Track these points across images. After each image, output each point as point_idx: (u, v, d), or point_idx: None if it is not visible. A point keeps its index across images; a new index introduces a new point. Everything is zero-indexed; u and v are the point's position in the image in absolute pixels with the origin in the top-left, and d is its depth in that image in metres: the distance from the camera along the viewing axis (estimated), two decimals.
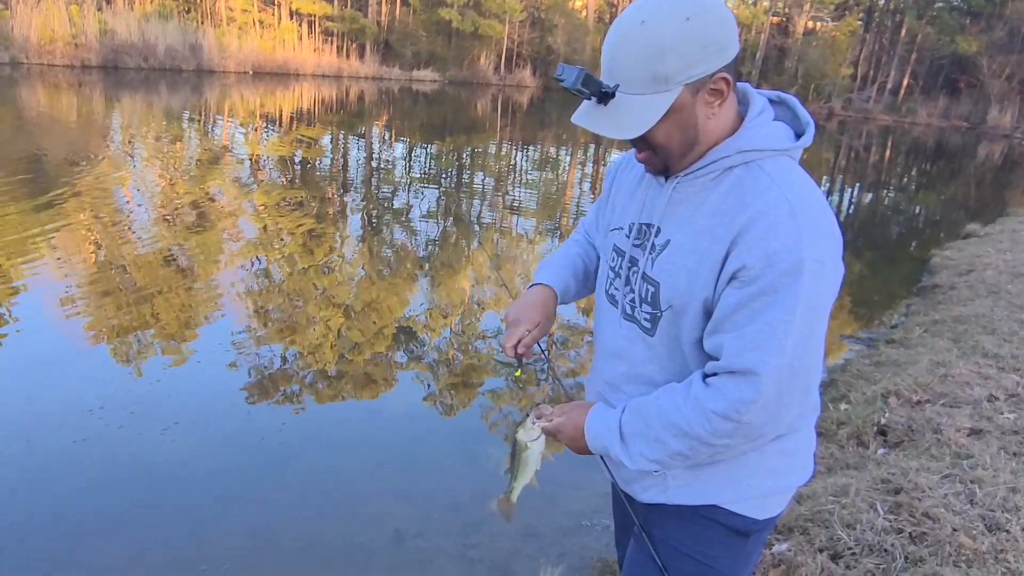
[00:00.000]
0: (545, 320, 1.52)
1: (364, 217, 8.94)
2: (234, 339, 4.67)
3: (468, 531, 2.97)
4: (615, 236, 1.41)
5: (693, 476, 1.29)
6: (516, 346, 1.49)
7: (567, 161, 17.00)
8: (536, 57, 42.98)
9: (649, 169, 1.28)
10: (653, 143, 1.20)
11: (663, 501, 1.33)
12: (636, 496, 1.40)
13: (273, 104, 22.42)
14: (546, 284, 1.57)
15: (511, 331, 1.50)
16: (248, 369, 4.30)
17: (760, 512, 1.31)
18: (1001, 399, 3.90)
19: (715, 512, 1.30)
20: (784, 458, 1.30)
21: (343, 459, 3.49)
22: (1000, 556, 2.42)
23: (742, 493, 1.29)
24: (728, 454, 1.20)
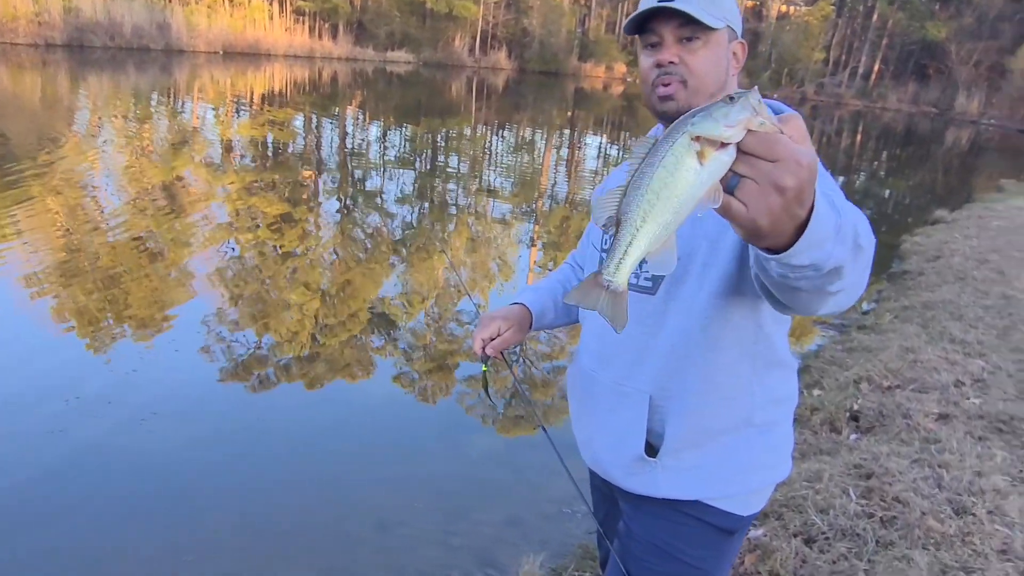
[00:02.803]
0: (517, 329, 1.56)
1: (339, 200, 8.87)
2: (211, 325, 4.63)
3: (451, 519, 3.00)
4: None
5: (683, 469, 1.30)
6: (485, 344, 1.53)
7: (542, 145, 16.98)
8: (511, 39, 42.74)
9: (670, 106, 1.27)
10: (691, 68, 1.24)
11: (651, 494, 1.34)
12: (622, 483, 1.38)
13: (244, 85, 22.05)
14: (523, 304, 1.61)
15: (483, 327, 1.54)
16: (226, 356, 4.27)
17: (745, 508, 1.34)
18: (967, 384, 4.02)
19: (702, 510, 1.32)
20: (769, 453, 1.34)
21: (325, 447, 3.50)
22: (967, 539, 2.51)
23: (730, 488, 1.31)
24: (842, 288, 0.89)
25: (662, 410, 1.30)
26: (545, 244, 7.89)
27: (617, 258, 0.81)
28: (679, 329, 1.26)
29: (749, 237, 0.79)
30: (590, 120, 24.42)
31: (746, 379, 1.28)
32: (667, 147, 0.74)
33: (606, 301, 0.88)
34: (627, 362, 1.33)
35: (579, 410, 1.48)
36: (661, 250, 0.79)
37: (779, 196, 0.72)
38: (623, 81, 44.06)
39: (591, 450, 1.45)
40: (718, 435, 1.29)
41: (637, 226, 0.77)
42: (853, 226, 0.84)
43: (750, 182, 0.72)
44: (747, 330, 1.26)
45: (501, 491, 3.23)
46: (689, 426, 1.28)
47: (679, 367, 1.27)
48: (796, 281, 0.84)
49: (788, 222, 0.74)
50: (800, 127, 0.76)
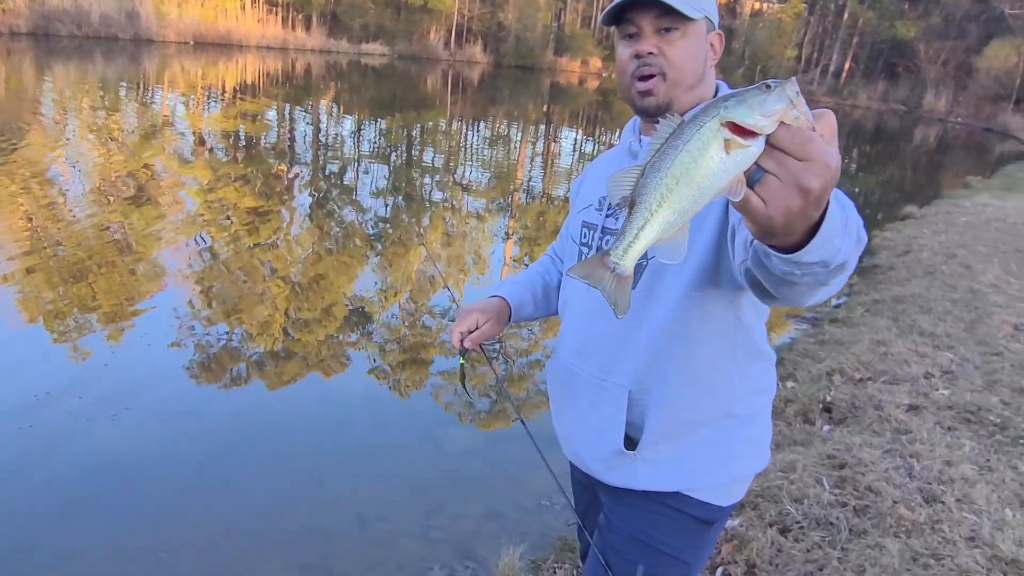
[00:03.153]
0: (495, 322, 1.55)
1: (313, 194, 8.78)
2: (184, 320, 4.57)
3: (430, 513, 3.00)
4: (584, 214, 1.44)
5: (662, 462, 1.31)
6: (463, 337, 1.52)
7: (518, 139, 16.97)
8: (487, 33, 42.61)
9: (649, 101, 1.27)
10: (670, 59, 1.24)
11: (630, 486, 1.34)
12: (602, 477, 1.38)
13: (215, 76, 21.72)
14: (501, 297, 1.60)
15: (460, 320, 1.54)
16: (201, 352, 4.21)
17: (725, 499, 1.35)
18: (936, 376, 4.10)
19: (682, 502, 1.33)
20: (748, 444, 1.35)
21: (301, 442, 3.47)
22: (936, 526, 2.57)
23: (709, 480, 1.32)
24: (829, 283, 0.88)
25: (641, 404, 1.30)
26: (520, 238, 7.89)
27: (627, 241, 0.77)
28: (658, 323, 1.26)
29: (760, 234, 0.76)
30: (565, 114, 24.45)
31: (726, 371, 1.29)
32: (694, 130, 0.69)
33: (610, 284, 0.84)
34: (607, 356, 1.33)
35: (559, 405, 1.48)
36: (673, 237, 0.75)
37: (801, 198, 0.68)
38: (599, 76, 44.16)
39: (571, 444, 1.44)
40: (697, 427, 1.30)
41: (652, 210, 0.73)
42: (855, 219, 0.83)
43: (773, 179, 0.68)
44: (726, 322, 1.26)
45: (480, 484, 3.23)
46: (668, 419, 1.29)
47: (658, 361, 1.27)
48: (801, 277, 0.82)
49: (802, 223, 0.72)
50: (833, 126, 0.72)
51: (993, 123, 36.46)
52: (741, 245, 0.96)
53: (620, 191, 0.77)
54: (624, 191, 0.76)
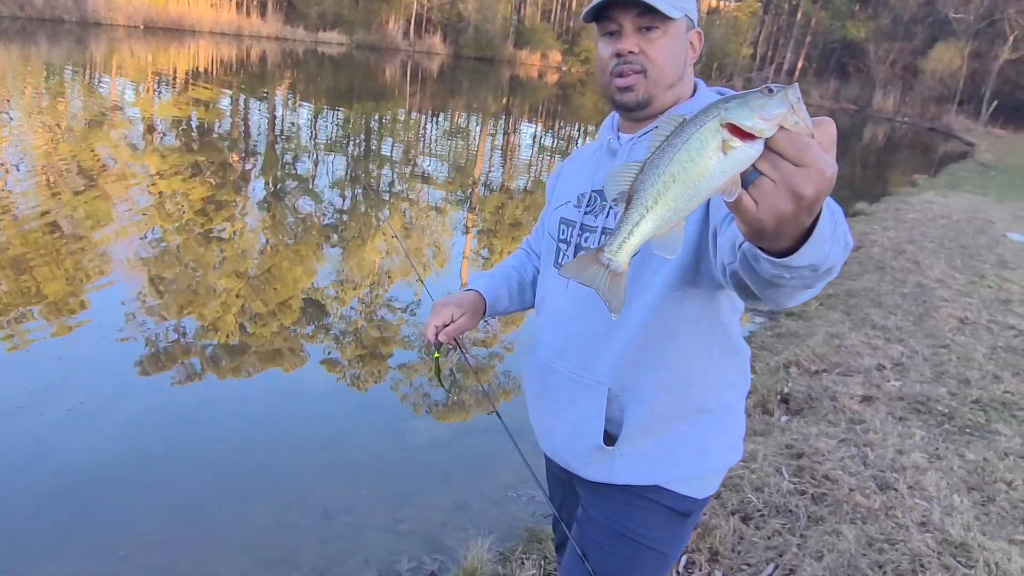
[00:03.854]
0: (471, 315, 1.54)
1: (268, 184, 8.63)
2: (138, 314, 4.45)
3: (397, 505, 2.99)
4: (562, 210, 1.45)
5: (640, 456, 1.33)
6: (438, 330, 1.52)
7: (477, 131, 16.92)
8: (446, 23, 42.32)
9: (629, 97, 1.29)
10: (651, 58, 1.26)
11: (609, 481, 1.36)
12: (580, 472, 1.40)
13: (167, 61, 21.15)
14: (477, 290, 1.60)
15: (436, 314, 1.53)
16: (161, 345, 4.12)
17: (700, 491, 1.38)
18: (888, 368, 4.25)
19: (659, 494, 1.35)
20: (723, 437, 1.38)
21: (266, 436, 3.42)
22: (890, 512, 2.66)
23: (685, 472, 1.35)
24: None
25: (620, 400, 1.32)
26: (480, 231, 7.88)
27: (622, 237, 0.77)
28: (637, 321, 1.27)
29: (750, 235, 0.76)
30: (525, 108, 24.46)
31: (702, 367, 1.31)
32: (694, 129, 0.70)
33: (604, 280, 0.83)
34: (585, 354, 1.34)
35: (537, 401, 1.48)
36: (668, 233, 0.76)
37: (793, 203, 0.68)
38: (558, 70, 44.26)
39: (550, 440, 1.45)
40: (674, 421, 1.32)
41: (648, 206, 0.74)
42: (843, 225, 0.84)
43: (768, 182, 0.69)
44: (704, 320, 1.28)
45: (446, 477, 3.24)
46: (647, 414, 1.31)
47: (637, 358, 1.29)
48: (789, 280, 0.82)
49: (793, 228, 0.72)
50: (832, 134, 0.71)
51: (937, 123, 37.71)
52: (728, 247, 0.97)
53: (617, 187, 0.77)
54: (621, 187, 0.77)
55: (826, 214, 0.75)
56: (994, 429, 3.48)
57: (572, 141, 17.51)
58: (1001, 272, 6.94)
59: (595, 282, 0.84)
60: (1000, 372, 4.26)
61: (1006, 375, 4.22)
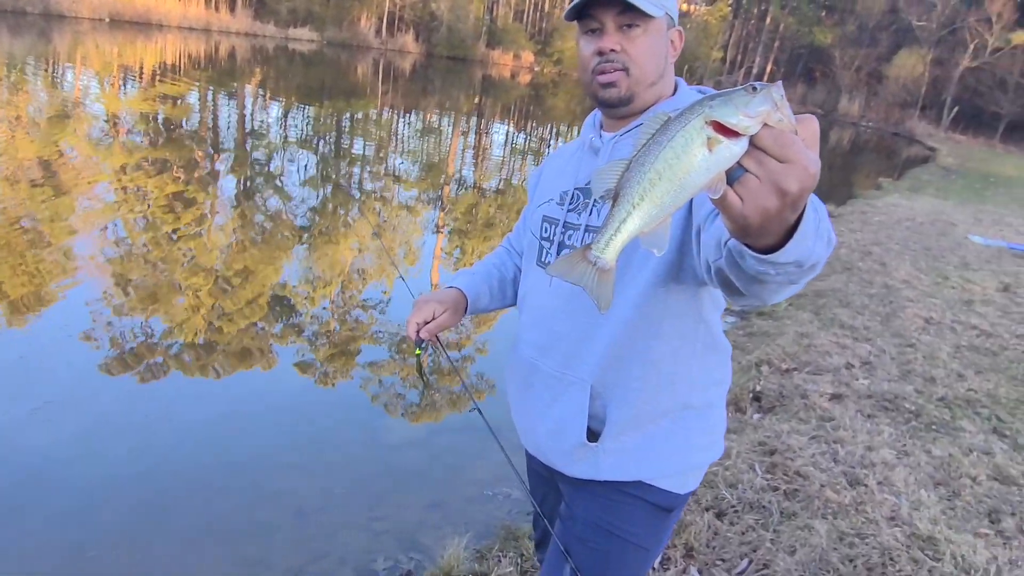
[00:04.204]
0: (452, 312, 1.54)
1: (238, 181, 8.51)
2: (106, 312, 4.36)
3: (372, 504, 2.97)
4: (545, 208, 1.45)
5: (624, 452, 1.33)
6: (420, 327, 1.51)
7: (450, 131, 16.88)
8: (419, 22, 42.16)
9: (612, 93, 1.29)
10: (632, 56, 1.27)
11: (592, 477, 1.36)
12: (564, 470, 1.40)
13: (133, 56, 20.73)
14: (458, 288, 1.59)
15: (417, 310, 1.53)
16: (128, 344, 4.04)
17: (683, 487, 1.39)
18: (856, 366, 4.33)
19: (642, 490, 1.36)
20: (706, 434, 1.39)
21: (238, 435, 3.37)
22: (860, 508, 2.71)
23: (668, 468, 1.36)
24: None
25: (604, 397, 1.32)
26: (452, 230, 7.86)
27: (608, 234, 0.79)
28: (621, 318, 1.27)
29: (735, 232, 0.77)
30: (498, 108, 24.45)
31: (686, 364, 1.32)
32: (679, 127, 0.71)
33: (592, 278, 0.84)
34: (568, 351, 1.35)
35: (519, 399, 1.48)
36: (654, 230, 0.77)
37: (778, 199, 0.70)
38: (530, 70, 44.33)
39: (532, 438, 1.46)
40: (658, 418, 1.33)
41: (634, 203, 0.75)
42: (827, 222, 0.85)
43: (753, 179, 0.70)
44: (688, 317, 1.29)
45: (422, 475, 3.22)
46: (630, 411, 1.32)
47: (621, 355, 1.30)
48: (775, 277, 0.83)
49: (778, 224, 0.74)
50: (815, 131, 0.74)
51: (901, 128, 38.56)
52: (713, 244, 0.97)
53: (604, 184, 0.79)
54: (608, 184, 0.78)
55: (810, 211, 0.77)
56: (959, 426, 3.56)
57: (544, 142, 17.56)
58: (964, 273, 7.11)
59: (583, 280, 0.85)
60: (964, 371, 4.36)
61: (969, 373, 4.33)
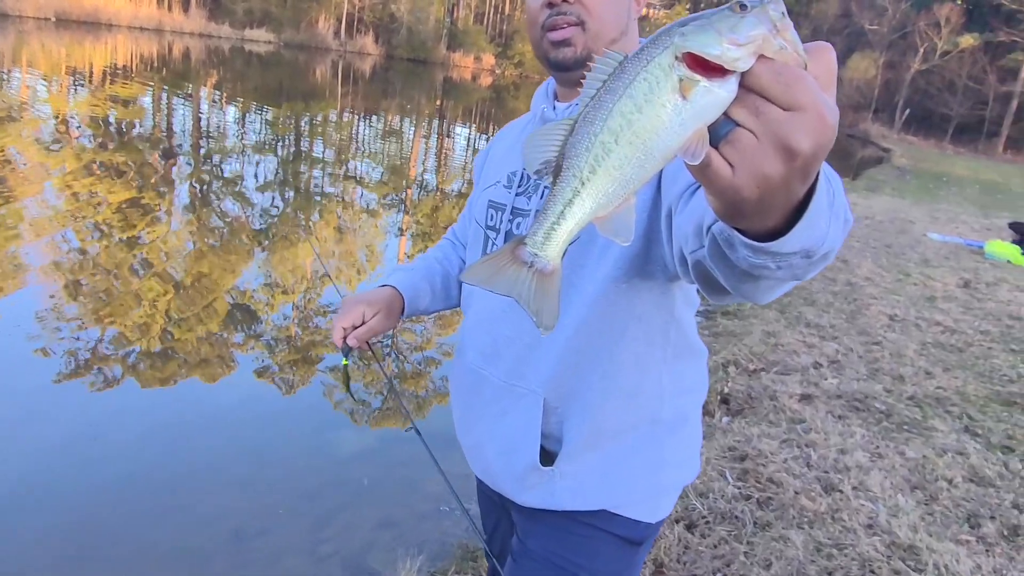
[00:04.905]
0: (385, 315, 1.32)
1: (193, 186, 8.18)
2: (45, 320, 4.05)
3: (318, 524, 2.75)
4: (491, 192, 1.25)
5: (584, 476, 1.15)
6: (347, 333, 1.30)
7: (411, 133, 16.63)
8: (378, 24, 41.77)
9: (566, 54, 1.09)
10: (588, 7, 1.07)
11: (547, 506, 1.16)
12: (515, 497, 1.20)
13: (82, 57, 20.07)
14: (393, 286, 1.37)
15: (343, 313, 1.31)
16: (60, 351, 3.73)
17: (653, 514, 1.21)
18: (824, 365, 4.23)
19: (607, 521, 1.17)
20: (678, 451, 1.21)
21: (172, 452, 3.11)
22: (836, 516, 2.58)
23: (636, 493, 1.17)
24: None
25: (559, 412, 1.13)
26: (414, 234, 7.64)
27: (548, 223, 0.57)
28: (577, 319, 1.08)
29: (724, 212, 0.56)
30: (459, 110, 24.27)
31: (654, 372, 1.13)
32: (640, 66, 0.50)
33: (528, 285, 0.61)
34: (517, 358, 1.15)
35: (465, 414, 1.28)
36: (615, 213, 0.56)
37: (783, 162, 0.49)
38: (492, 73, 44.23)
39: (479, 459, 1.26)
40: (622, 434, 1.14)
41: (582, 179, 0.54)
42: (842, 195, 0.63)
43: (747, 135, 0.49)
44: (655, 318, 1.10)
45: (373, 491, 3.01)
46: (590, 428, 1.12)
47: (578, 362, 1.10)
48: (775, 271, 0.60)
49: (783, 198, 0.52)
50: (831, 65, 0.52)
51: (855, 130, 39.32)
52: (692, 231, 0.75)
53: (540, 154, 0.56)
54: (546, 154, 0.56)
55: (823, 180, 0.55)
56: (930, 426, 3.47)
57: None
58: (924, 270, 7.12)
59: (515, 289, 0.61)
60: (931, 368, 4.29)
61: (937, 371, 4.26)
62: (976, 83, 46.01)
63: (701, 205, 0.72)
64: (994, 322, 5.47)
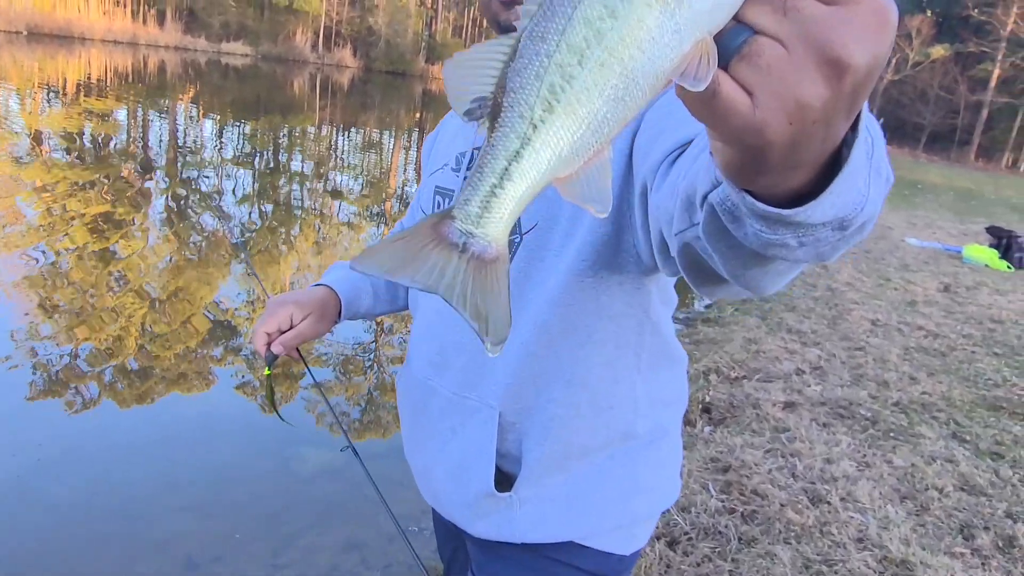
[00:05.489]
0: (317, 319, 1.18)
1: (169, 200, 7.97)
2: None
3: (278, 549, 2.57)
4: (437, 177, 1.10)
5: (547, 503, 1.00)
6: (271, 338, 1.15)
7: (391, 146, 16.50)
8: (356, 37, 41.71)
9: (518, 15, 0.93)
10: None
11: (507, 539, 1.02)
12: (468, 528, 1.05)
13: (55, 70, 19.79)
14: (327, 286, 1.22)
15: (267, 317, 1.16)
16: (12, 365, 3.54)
17: (628, 545, 1.06)
18: (807, 372, 4.12)
19: (575, 554, 1.03)
20: (655, 471, 1.07)
21: (123, 474, 2.92)
22: (825, 529, 2.46)
23: (608, 521, 1.03)
24: None
25: (518, 428, 0.99)
26: None
27: (487, 185, 0.41)
28: (537, 321, 0.94)
29: (738, 165, 0.41)
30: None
31: (627, 381, 0.99)
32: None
33: (461, 277, 0.44)
34: (469, 367, 1.01)
35: (412, 432, 1.14)
36: (585, 169, 0.40)
37: (826, 83, 0.34)
38: None
39: (429, 484, 1.11)
40: (591, 454, 1.00)
41: (533, 120, 0.38)
42: (881, 143, 0.47)
43: (772, 46, 0.35)
44: (628, 318, 0.96)
45: (338, 510, 2.84)
46: (553, 447, 0.98)
47: (538, 371, 0.96)
48: (796, 249, 0.45)
49: (818, 142, 0.37)
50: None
51: None
52: (681, 207, 0.58)
53: (469, 88, 0.41)
54: (478, 87, 0.40)
55: (863, 122, 0.40)
56: (917, 432, 3.36)
57: None
58: (904, 275, 7.08)
59: (441, 282, 0.45)
60: (916, 373, 4.21)
61: (921, 376, 4.17)
62: (948, 93, 46.84)
63: (691, 171, 0.56)
64: (976, 326, 5.42)
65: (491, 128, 0.40)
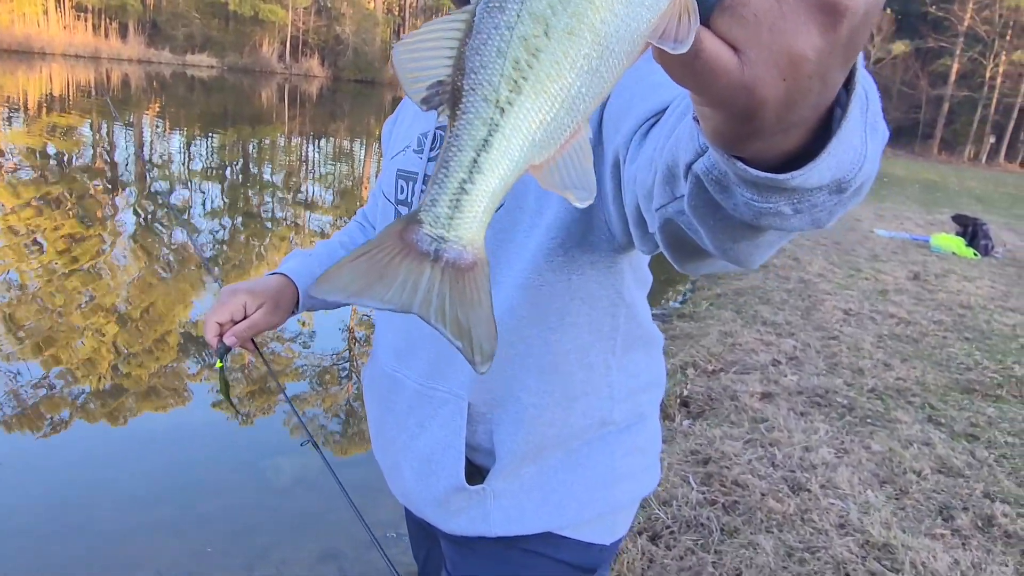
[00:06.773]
0: (272, 309, 1.12)
1: (138, 215, 7.82)
2: None
3: (252, 562, 2.51)
4: (399, 160, 1.05)
5: (522, 494, 0.97)
6: (223, 330, 1.09)
7: (361, 154, 16.39)
8: (324, 46, 41.48)
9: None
10: None
11: (480, 533, 0.98)
12: (439, 524, 1.01)
13: (14, 86, 19.41)
14: (284, 274, 1.17)
15: (219, 306, 1.10)
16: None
17: (609, 534, 1.03)
18: (783, 362, 4.14)
19: (553, 545, 0.99)
20: (634, 457, 1.03)
21: (90, 491, 2.83)
22: (806, 516, 2.45)
23: (586, 511, 0.99)
24: None
25: (488, 419, 0.95)
26: None
27: (455, 183, 0.38)
28: (505, 305, 0.90)
29: (728, 131, 0.37)
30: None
31: (601, 366, 0.96)
32: None
33: (437, 290, 0.41)
34: (436, 356, 0.96)
35: (380, 427, 1.09)
36: (562, 153, 0.37)
37: (820, 31, 0.31)
38: None
39: (398, 480, 1.06)
40: (567, 442, 0.97)
41: (499, 103, 0.35)
42: (875, 97, 0.42)
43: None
44: (601, 300, 0.93)
45: (314, 520, 2.77)
46: (527, 437, 0.94)
47: (508, 358, 0.92)
48: (789, 218, 0.42)
49: (814, 97, 0.34)
50: None
51: None
52: (661, 179, 0.53)
53: (424, 72, 0.37)
54: (436, 71, 0.36)
55: (858, 75, 0.37)
56: (893, 417, 3.38)
57: None
58: (875, 265, 7.16)
59: (415, 299, 0.41)
60: (889, 360, 4.24)
61: (895, 362, 4.21)
62: (910, 88, 47.75)
63: (670, 141, 0.52)
64: (946, 312, 5.49)
65: (452, 116, 0.37)
